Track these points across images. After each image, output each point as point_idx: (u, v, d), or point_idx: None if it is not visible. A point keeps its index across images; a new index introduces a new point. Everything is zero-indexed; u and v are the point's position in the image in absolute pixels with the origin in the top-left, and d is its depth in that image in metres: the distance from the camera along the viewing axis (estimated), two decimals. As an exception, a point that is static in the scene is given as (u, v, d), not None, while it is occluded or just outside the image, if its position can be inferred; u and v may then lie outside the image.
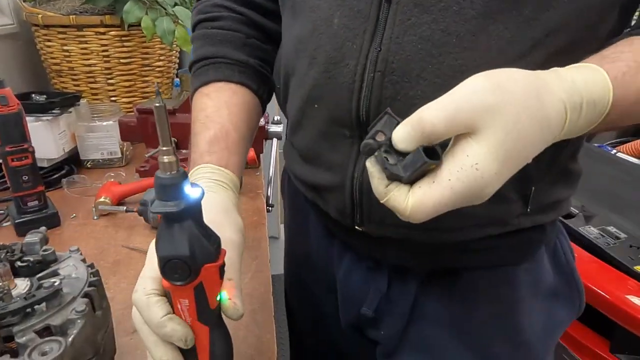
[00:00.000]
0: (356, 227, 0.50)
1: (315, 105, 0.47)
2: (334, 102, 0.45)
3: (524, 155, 0.32)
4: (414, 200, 0.32)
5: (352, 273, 0.58)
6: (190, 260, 0.32)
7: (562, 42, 0.39)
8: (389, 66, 0.41)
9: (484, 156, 0.30)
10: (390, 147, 0.32)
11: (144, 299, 0.35)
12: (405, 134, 0.31)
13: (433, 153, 0.31)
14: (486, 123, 0.30)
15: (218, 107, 0.51)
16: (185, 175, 0.31)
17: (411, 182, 0.32)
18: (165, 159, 0.31)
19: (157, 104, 0.30)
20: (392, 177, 0.32)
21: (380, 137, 0.33)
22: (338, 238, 0.58)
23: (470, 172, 0.30)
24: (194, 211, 0.33)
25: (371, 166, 0.33)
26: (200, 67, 0.55)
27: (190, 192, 0.32)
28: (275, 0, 0.55)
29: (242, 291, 0.38)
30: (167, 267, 0.32)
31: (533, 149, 0.32)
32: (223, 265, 0.35)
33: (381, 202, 0.34)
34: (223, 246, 0.36)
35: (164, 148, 0.31)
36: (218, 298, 0.36)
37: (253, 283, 0.62)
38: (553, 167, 0.47)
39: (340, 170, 0.48)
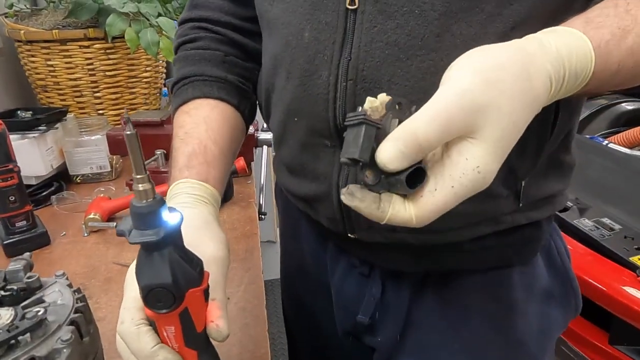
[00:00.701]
0: (349, 235, 0.51)
1: (295, 119, 0.48)
2: (312, 114, 0.46)
3: (516, 138, 0.31)
4: (417, 210, 0.31)
5: (346, 280, 0.58)
6: (174, 287, 0.31)
7: (531, 32, 0.38)
8: (360, 74, 0.42)
9: (485, 158, 0.30)
10: (372, 162, 0.30)
11: (134, 329, 0.35)
12: (395, 153, 0.29)
13: (414, 174, 0.30)
14: (482, 123, 0.30)
15: (196, 123, 0.51)
16: (162, 202, 0.31)
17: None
18: (140, 187, 0.30)
19: (127, 132, 0.29)
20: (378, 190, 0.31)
21: (362, 157, 0.30)
22: (331, 245, 0.59)
23: (472, 175, 0.30)
24: (174, 237, 0.32)
25: (350, 201, 0.32)
26: (179, 87, 0.56)
27: (169, 218, 0.31)
28: (256, 21, 0.55)
29: (227, 310, 0.37)
30: (150, 296, 0.32)
31: (523, 128, 0.32)
32: (207, 287, 0.35)
33: (382, 223, 0.32)
34: (206, 263, 0.35)
35: (138, 176, 0.30)
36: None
37: (246, 296, 0.61)
38: (541, 159, 0.46)
39: (325, 180, 0.48)
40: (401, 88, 0.41)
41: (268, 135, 0.98)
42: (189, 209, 0.42)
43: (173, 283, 0.31)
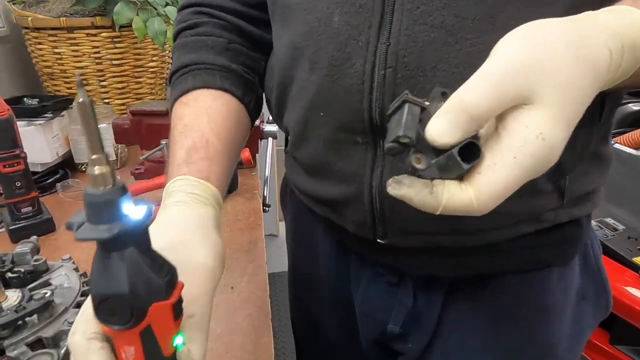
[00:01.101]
0: (378, 240, 0.47)
1: (321, 114, 0.44)
2: (342, 107, 0.42)
3: (581, 111, 0.28)
4: (477, 191, 0.27)
5: (372, 290, 0.55)
6: (131, 298, 0.26)
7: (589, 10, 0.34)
8: (401, 60, 0.38)
9: (548, 123, 0.26)
10: (420, 145, 0.27)
11: (84, 343, 0.29)
12: (445, 125, 0.26)
13: (467, 150, 0.26)
14: (537, 87, 0.26)
15: (197, 114, 0.46)
16: (123, 190, 0.25)
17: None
18: (96, 169, 0.24)
19: (80, 100, 0.24)
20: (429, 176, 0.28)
21: (406, 134, 0.27)
22: (355, 254, 0.55)
23: (536, 144, 0.26)
24: (137, 236, 0.26)
25: (397, 189, 0.29)
26: (178, 77, 0.51)
27: (132, 211, 0.25)
28: (263, 8, 0.51)
29: (208, 331, 0.32)
30: (102, 307, 0.26)
31: (587, 102, 0.28)
32: (179, 302, 0.28)
33: (437, 213, 0.29)
34: (190, 272, 0.30)
35: (93, 156, 0.24)
36: (175, 343, 0.29)
37: (250, 286, 0.62)
38: (586, 152, 0.44)
39: (356, 181, 0.44)
40: (448, 75, 0.37)
41: (273, 128, 0.97)
42: (185, 209, 0.38)
43: (131, 293, 0.25)
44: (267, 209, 0.91)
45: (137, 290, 0.26)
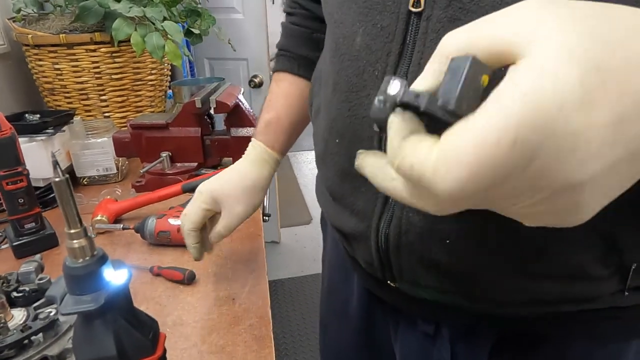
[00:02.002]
0: (389, 283, 0.44)
1: (337, 140, 0.42)
2: (356, 139, 0.39)
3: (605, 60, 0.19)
4: (441, 146, 0.20)
5: (407, 340, 0.50)
6: None
7: None
8: None
9: (552, 57, 0.19)
10: (407, 100, 0.22)
11: None
12: (425, 72, 0.22)
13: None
14: (540, 22, 0.19)
15: (278, 95, 0.62)
16: (103, 259, 0.26)
17: (462, 113, 0.20)
18: (75, 243, 0.25)
19: (56, 179, 0.25)
20: (431, 108, 0.21)
21: (395, 87, 0.22)
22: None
23: (533, 80, 0.19)
24: (120, 299, 0.27)
25: (361, 159, 0.25)
26: (277, 55, 0.64)
27: (113, 277, 0.26)
28: None
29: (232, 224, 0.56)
30: None
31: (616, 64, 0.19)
32: (163, 354, 0.30)
33: (394, 167, 0.23)
34: (226, 219, 0.33)
35: (72, 231, 0.25)
36: None
37: (251, 297, 0.62)
38: None
39: (364, 218, 0.41)
40: None
41: (272, 138, 0.99)
42: (249, 166, 0.61)
43: (119, 356, 0.26)
44: (267, 218, 0.92)
45: (124, 351, 0.26)
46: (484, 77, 0.20)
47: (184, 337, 0.55)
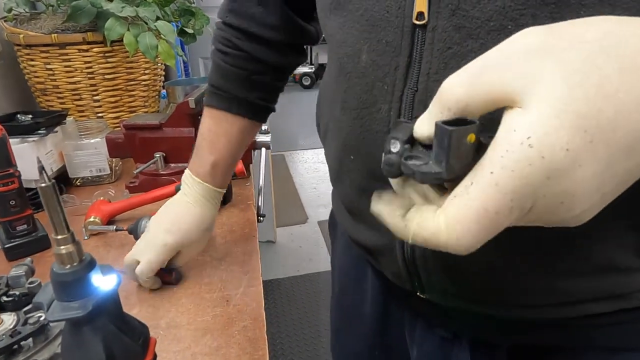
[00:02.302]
0: (418, 294, 0.44)
1: (352, 157, 0.42)
2: (371, 154, 0.38)
3: (603, 112, 0.20)
4: (447, 217, 0.22)
5: (425, 343, 0.50)
6: None
7: None
8: None
9: (538, 123, 0.20)
10: (413, 148, 0.24)
11: None
12: (424, 118, 0.23)
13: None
14: (533, 77, 0.20)
15: (219, 135, 0.62)
16: (91, 265, 0.26)
17: (456, 176, 0.22)
18: (63, 249, 0.25)
19: (42, 184, 0.25)
20: (426, 180, 0.23)
21: (396, 146, 0.24)
22: (404, 303, 0.51)
23: (520, 151, 0.20)
24: (109, 305, 0.27)
25: (375, 204, 0.26)
26: (209, 89, 0.63)
27: (101, 282, 0.26)
28: (289, 33, 0.58)
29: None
30: None
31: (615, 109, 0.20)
32: (154, 359, 0.30)
33: (409, 241, 0.25)
34: (178, 257, 0.33)
35: (59, 236, 0.25)
36: None
37: (245, 298, 0.62)
38: None
39: (387, 232, 0.40)
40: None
41: (266, 138, 0.98)
42: (203, 209, 0.63)
43: None
44: (261, 219, 0.92)
45: (113, 358, 0.26)
46: (470, 136, 0.22)
47: (177, 339, 0.55)
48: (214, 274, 0.68)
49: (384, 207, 0.26)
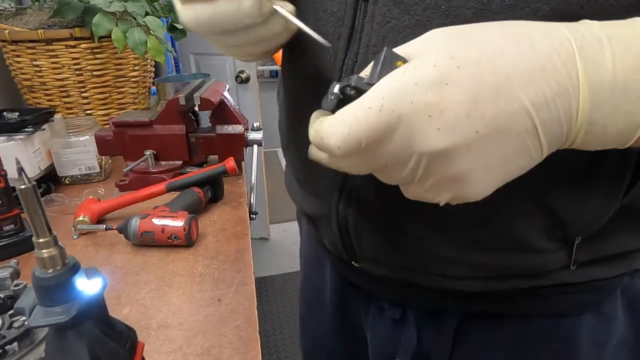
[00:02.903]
0: (353, 264, 0.46)
1: (296, 125, 0.43)
2: None
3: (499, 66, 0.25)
4: (332, 117, 0.27)
5: (378, 326, 0.52)
6: None
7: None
8: None
9: (417, 51, 0.26)
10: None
11: None
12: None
13: None
14: (427, 42, 0.26)
15: None
16: (75, 268, 0.25)
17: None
18: (44, 252, 0.25)
19: (22, 186, 0.24)
20: (359, 84, 0.27)
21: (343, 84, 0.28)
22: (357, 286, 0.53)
23: (400, 68, 0.26)
24: (94, 309, 0.26)
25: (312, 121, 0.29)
26: None
27: (86, 286, 0.25)
28: None
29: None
30: None
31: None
32: None
33: (310, 138, 0.29)
34: None
35: (40, 240, 0.25)
36: None
37: (237, 297, 0.61)
38: (608, 216, 0.36)
39: (326, 200, 0.43)
40: None
41: (258, 135, 0.97)
42: None
43: None
44: (253, 216, 0.91)
45: None
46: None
47: (168, 340, 0.54)
48: (205, 272, 0.67)
49: (313, 122, 0.29)
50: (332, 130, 0.26)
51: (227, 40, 0.35)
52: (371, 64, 0.28)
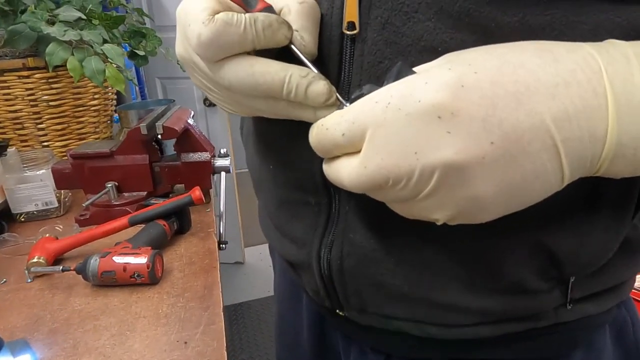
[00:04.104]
0: (337, 312, 0.43)
1: (270, 166, 0.41)
2: (292, 165, 0.38)
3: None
4: (338, 111, 0.28)
5: None
6: None
7: None
8: None
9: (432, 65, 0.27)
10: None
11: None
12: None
13: None
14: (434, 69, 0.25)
15: None
16: None
17: None
18: None
19: None
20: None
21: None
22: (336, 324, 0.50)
23: (411, 77, 0.26)
24: None
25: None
26: None
27: None
28: None
29: (318, 27, 0.32)
30: None
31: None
32: None
33: (311, 141, 0.30)
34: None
35: None
36: None
37: (205, 338, 0.58)
38: (601, 259, 0.35)
39: (304, 245, 0.41)
40: None
41: (225, 162, 0.95)
42: None
43: None
44: (224, 246, 0.88)
45: None
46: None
47: (130, 392, 0.50)
48: (171, 312, 0.63)
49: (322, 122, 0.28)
50: (338, 119, 0.27)
51: (259, 104, 0.31)
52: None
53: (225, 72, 0.29)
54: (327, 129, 0.27)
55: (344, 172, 0.27)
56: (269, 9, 0.30)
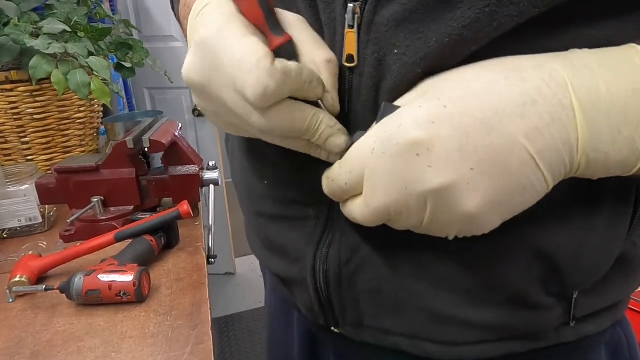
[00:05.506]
0: (332, 329, 0.43)
1: (265, 182, 0.41)
2: (282, 182, 0.39)
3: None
4: (337, 162, 0.32)
5: None
6: None
7: None
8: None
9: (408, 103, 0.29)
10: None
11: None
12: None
13: None
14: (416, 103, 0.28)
15: None
16: None
17: None
18: None
19: None
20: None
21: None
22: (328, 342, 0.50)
23: (386, 120, 0.28)
24: None
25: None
26: None
27: None
28: None
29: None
30: None
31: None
32: None
33: (324, 181, 0.33)
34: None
35: None
36: None
37: (193, 359, 0.57)
38: (608, 266, 0.35)
39: (299, 261, 0.41)
40: None
41: (214, 174, 0.94)
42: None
43: None
44: (213, 260, 0.86)
45: None
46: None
47: (114, 418, 0.48)
48: (158, 332, 0.62)
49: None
50: (338, 170, 0.31)
51: (278, 140, 0.32)
52: None
53: (268, 118, 0.29)
54: (332, 180, 0.31)
55: (354, 211, 0.31)
56: (290, 42, 0.30)
